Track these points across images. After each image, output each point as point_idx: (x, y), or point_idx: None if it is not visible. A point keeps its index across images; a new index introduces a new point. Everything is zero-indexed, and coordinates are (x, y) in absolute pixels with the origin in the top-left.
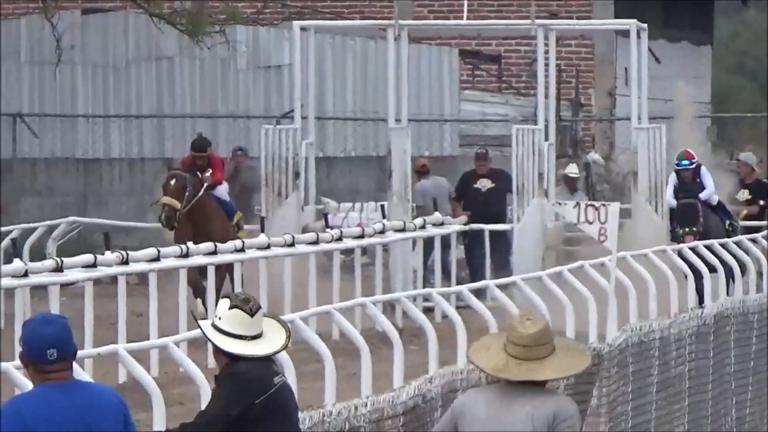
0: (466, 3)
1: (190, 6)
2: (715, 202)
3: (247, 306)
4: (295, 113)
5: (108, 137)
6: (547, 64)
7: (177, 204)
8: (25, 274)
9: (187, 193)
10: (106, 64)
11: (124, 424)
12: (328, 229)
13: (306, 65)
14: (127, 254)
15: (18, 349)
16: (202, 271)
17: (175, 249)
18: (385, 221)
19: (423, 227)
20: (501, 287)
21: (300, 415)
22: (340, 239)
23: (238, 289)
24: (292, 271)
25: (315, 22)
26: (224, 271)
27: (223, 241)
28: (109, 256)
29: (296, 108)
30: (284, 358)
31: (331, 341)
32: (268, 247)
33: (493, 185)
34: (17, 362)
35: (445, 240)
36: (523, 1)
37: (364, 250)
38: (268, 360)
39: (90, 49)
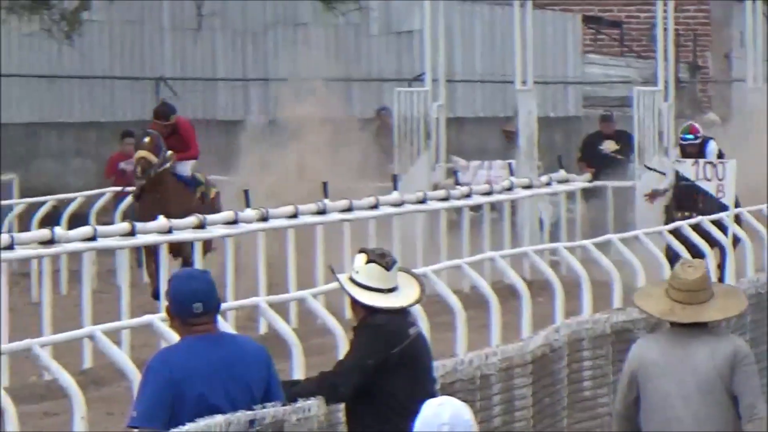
0: None
1: None
2: None
3: (384, 260)
4: (426, 76)
5: (247, 99)
6: (666, 29)
7: (153, 158)
8: (169, 231)
9: (162, 153)
10: (245, 30)
11: (267, 373)
12: (457, 186)
13: (435, 30)
14: (267, 211)
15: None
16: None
17: (312, 206)
18: (512, 178)
19: (548, 184)
20: (623, 242)
21: (434, 363)
22: (469, 196)
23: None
24: (424, 226)
25: None
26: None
27: (184, 216)
28: (249, 212)
29: (427, 71)
30: (417, 310)
31: (462, 294)
32: (402, 203)
33: (617, 147)
34: (163, 314)
35: (571, 196)
36: None
37: (493, 206)
38: (404, 312)
39: (229, 16)
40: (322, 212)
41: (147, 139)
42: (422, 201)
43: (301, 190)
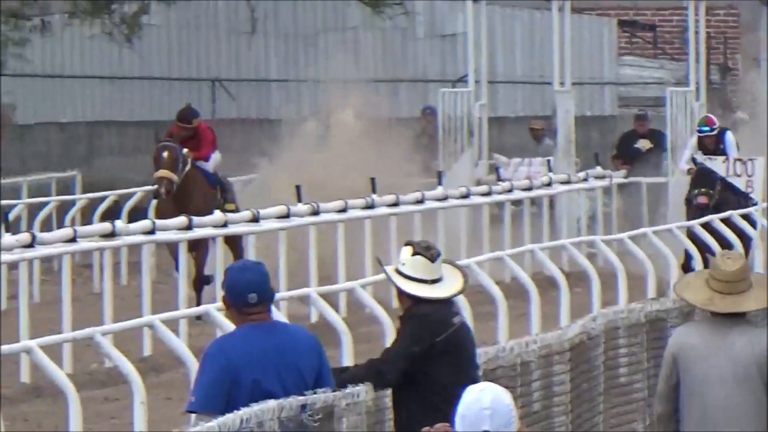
0: None
1: None
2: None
3: (429, 253)
4: (469, 77)
5: (299, 100)
6: (697, 32)
7: (174, 177)
8: (224, 225)
9: (180, 165)
10: (296, 34)
11: (318, 361)
12: (499, 182)
13: (478, 34)
14: (318, 205)
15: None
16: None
17: (360, 201)
18: (551, 174)
19: (585, 180)
20: (657, 235)
21: (476, 351)
22: (510, 191)
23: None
24: (467, 220)
25: None
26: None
27: (205, 214)
28: (301, 207)
29: (470, 72)
30: (461, 300)
31: (503, 284)
32: (446, 198)
33: (651, 145)
34: (219, 304)
35: (607, 191)
36: None
37: (532, 201)
38: (448, 302)
39: (281, 21)
40: (370, 207)
41: (166, 155)
42: (465, 196)
43: (350, 186)
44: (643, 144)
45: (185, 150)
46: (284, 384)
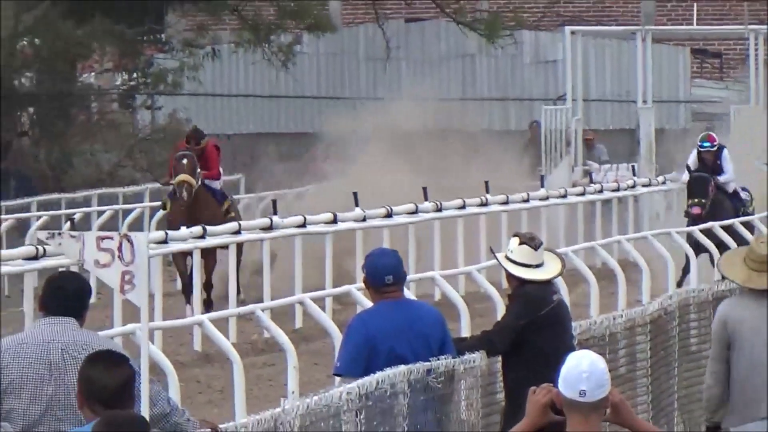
0: (695, 12)
1: (487, 16)
2: (731, 189)
3: (532, 242)
4: (567, 96)
5: (425, 114)
6: (757, 58)
7: (193, 181)
8: (334, 221)
9: (196, 173)
10: (424, 60)
11: (441, 332)
12: (591, 184)
13: (575, 60)
14: (441, 203)
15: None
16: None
17: (476, 200)
18: (635, 178)
19: (664, 182)
20: (723, 228)
21: (572, 324)
22: (601, 191)
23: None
24: (564, 216)
25: (582, 28)
26: (212, 257)
27: (210, 224)
28: (427, 204)
29: (568, 92)
30: (559, 281)
31: (595, 269)
32: (547, 198)
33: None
34: (359, 285)
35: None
36: (739, 10)
37: (619, 200)
38: (548, 283)
39: (411, 49)
40: (484, 204)
41: (185, 161)
42: (564, 196)
43: (466, 187)
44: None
45: (198, 170)
46: (414, 350)
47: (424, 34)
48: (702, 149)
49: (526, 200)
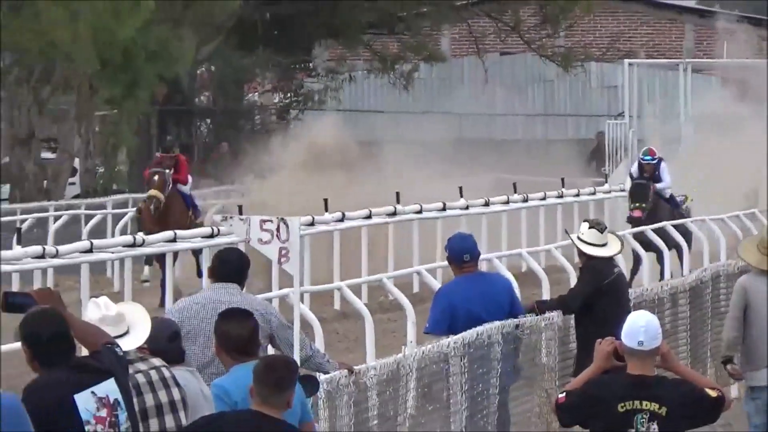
0: (725, 46)
1: (563, 50)
2: (667, 195)
3: (599, 226)
4: (625, 113)
5: (515, 126)
6: None
7: (161, 196)
8: (394, 213)
9: (168, 186)
10: (512, 85)
11: (510, 296)
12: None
13: (632, 85)
14: (527, 196)
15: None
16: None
17: (553, 192)
18: None
19: None
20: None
21: (629, 291)
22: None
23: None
24: (623, 206)
25: (637, 60)
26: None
27: (182, 228)
28: (498, 198)
29: (625, 110)
30: (620, 258)
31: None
32: (609, 192)
33: None
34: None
35: None
36: (762, 46)
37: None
38: (611, 258)
39: (504, 76)
40: (560, 196)
41: (156, 178)
42: (622, 191)
43: (547, 183)
44: None
45: (168, 171)
46: (489, 311)
47: (515, 64)
48: (644, 161)
49: (593, 194)
